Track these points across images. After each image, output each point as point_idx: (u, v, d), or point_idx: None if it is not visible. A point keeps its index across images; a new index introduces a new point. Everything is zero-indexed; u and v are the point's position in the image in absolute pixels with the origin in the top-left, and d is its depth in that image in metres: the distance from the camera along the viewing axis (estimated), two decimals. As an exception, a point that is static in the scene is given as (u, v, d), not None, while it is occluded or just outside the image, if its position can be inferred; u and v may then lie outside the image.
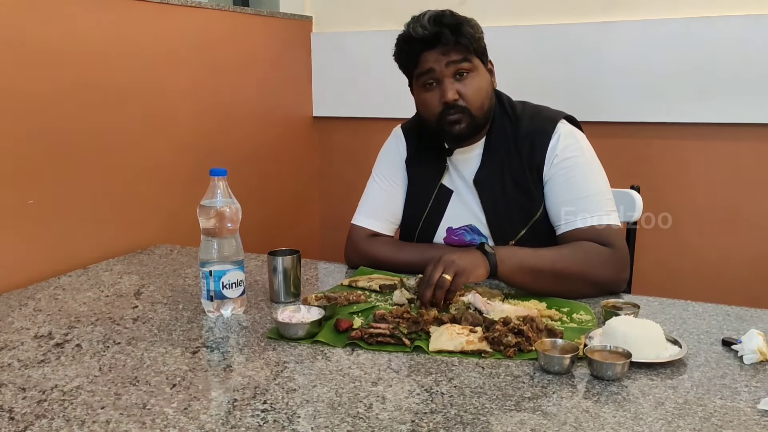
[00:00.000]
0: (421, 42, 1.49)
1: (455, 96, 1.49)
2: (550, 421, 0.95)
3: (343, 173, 2.76)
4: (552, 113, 1.60)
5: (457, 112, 1.51)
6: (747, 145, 2.16)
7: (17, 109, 1.60)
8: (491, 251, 1.39)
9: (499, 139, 1.58)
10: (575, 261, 1.43)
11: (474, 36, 1.50)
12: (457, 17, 1.50)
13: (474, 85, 1.51)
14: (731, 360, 1.14)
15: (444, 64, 1.49)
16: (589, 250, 1.45)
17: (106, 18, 1.81)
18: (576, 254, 1.45)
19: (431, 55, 1.50)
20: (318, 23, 2.72)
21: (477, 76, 1.52)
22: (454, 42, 1.47)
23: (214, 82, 2.23)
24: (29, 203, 1.64)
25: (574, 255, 1.44)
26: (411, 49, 1.52)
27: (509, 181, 1.56)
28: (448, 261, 1.34)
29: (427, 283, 1.33)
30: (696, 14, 2.15)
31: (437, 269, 1.33)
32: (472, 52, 1.50)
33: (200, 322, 1.35)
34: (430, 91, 1.53)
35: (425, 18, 1.49)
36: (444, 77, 1.50)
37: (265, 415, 0.97)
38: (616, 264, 1.47)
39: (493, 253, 1.39)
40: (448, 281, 1.32)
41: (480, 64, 1.53)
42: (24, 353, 1.20)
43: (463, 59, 1.49)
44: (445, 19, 1.48)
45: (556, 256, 1.44)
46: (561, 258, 1.44)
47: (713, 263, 2.25)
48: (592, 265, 1.44)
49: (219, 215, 1.35)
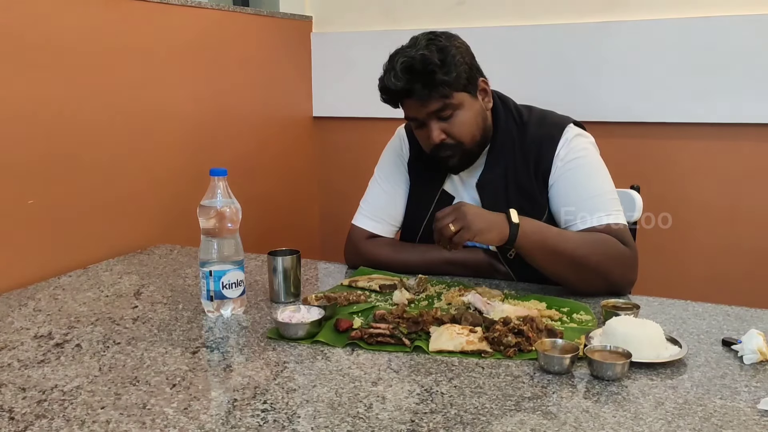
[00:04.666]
0: (396, 93, 1.48)
1: (441, 137, 1.49)
2: (550, 421, 0.95)
3: (343, 173, 2.76)
4: (559, 118, 1.60)
5: (448, 149, 1.51)
6: (747, 145, 2.16)
7: (17, 109, 1.60)
8: (516, 221, 1.38)
9: (505, 144, 1.57)
10: (596, 251, 1.42)
11: (450, 80, 1.44)
12: (429, 64, 1.42)
13: (460, 122, 1.49)
14: (731, 360, 1.14)
15: (425, 114, 1.48)
16: (610, 245, 1.44)
17: (106, 18, 1.81)
18: (598, 245, 1.44)
19: (411, 103, 1.49)
20: (318, 23, 2.72)
21: (463, 112, 1.50)
22: (428, 95, 1.45)
23: (214, 82, 2.23)
24: (29, 203, 1.64)
25: (596, 245, 1.43)
26: (390, 99, 1.52)
27: (513, 185, 1.56)
28: (461, 213, 1.35)
29: (435, 226, 1.37)
30: (696, 14, 2.15)
31: (447, 217, 1.36)
32: (451, 94, 1.46)
33: (200, 322, 1.35)
34: (420, 130, 1.53)
35: (398, 66, 1.44)
36: (428, 121, 1.49)
37: (265, 415, 0.97)
38: (630, 264, 1.47)
39: (517, 224, 1.38)
40: (451, 232, 1.34)
41: (465, 97, 1.49)
42: (24, 353, 1.20)
43: (443, 106, 1.47)
44: (415, 70, 1.43)
45: (580, 242, 1.43)
46: (584, 244, 1.43)
47: (713, 263, 2.25)
48: (610, 259, 1.43)
49: (219, 215, 1.35)
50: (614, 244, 1.45)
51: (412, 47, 1.47)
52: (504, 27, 2.37)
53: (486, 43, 1.54)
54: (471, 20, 2.43)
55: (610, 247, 1.44)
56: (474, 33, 1.64)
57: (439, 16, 2.49)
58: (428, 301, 1.44)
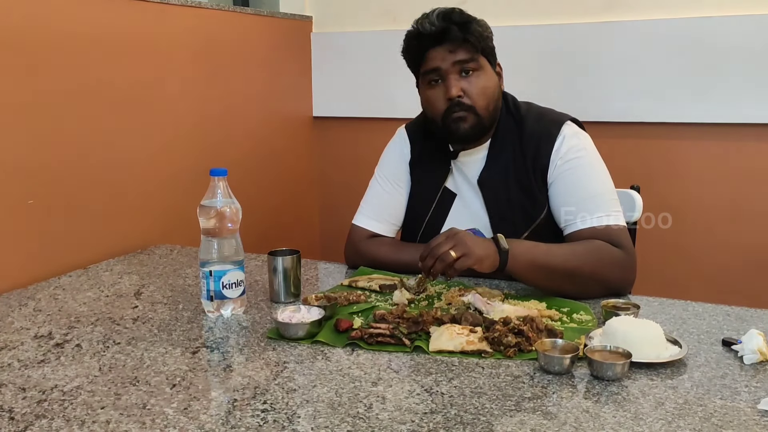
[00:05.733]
0: (428, 38, 1.48)
1: (459, 92, 1.49)
2: (550, 421, 0.95)
3: (343, 173, 2.76)
4: (557, 115, 1.60)
5: (462, 110, 1.50)
6: (747, 145, 2.16)
7: (17, 109, 1.60)
8: (505, 248, 1.37)
9: (505, 141, 1.57)
10: (588, 261, 1.42)
11: (482, 35, 1.49)
12: (466, 15, 1.49)
13: (480, 84, 1.50)
14: (731, 360, 1.14)
15: (450, 63, 1.48)
16: (602, 250, 1.44)
17: (106, 18, 1.81)
18: (589, 253, 1.43)
19: (438, 52, 1.49)
20: (318, 23, 2.72)
21: (483, 75, 1.51)
22: (462, 39, 1.46)
23: (214, 82, 2.23)
24: (29, 203, 1.64)
25: (587, 254, 1.43)
26: (419, 45, 1.51)
27: (513, 182, 1.56)
28: (460, 239, 1.33)
29: (431, 252, 1.32)
30: (696, 14, 2.15)
31: (446, 243, 1.32)
32: (479, 52, 1.49)
33: (200, 322, 1.35)
34: (435, 88, 1.52)
35: (434, 14, 1.49)
36: (449, 74, 1.49)
37: (265, 415, 0.97)
38: (626, 266, 1.46)
39: (506, 250, 1.36)
40: (452, 258, 1.30)
41: (487, 64, 1.52)
42: (24, 353, 1.20)
43: (470, 58, 1.48)
44: (454, 17, 1.48)
45: (569, 255, 1.43)
46: (574, 257, 1.42)
47: (713, 263, 2.25)
48: (604, 265, 1.43)
49: (219, 215, 1.35)
50: (607, 249, 1.44)
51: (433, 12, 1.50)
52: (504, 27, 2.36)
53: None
54: (471, 20, 2.43)
55: (603, 252, 1.44)
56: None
57: (439, 16, 2.48)
58: (428, 301, 1.44)
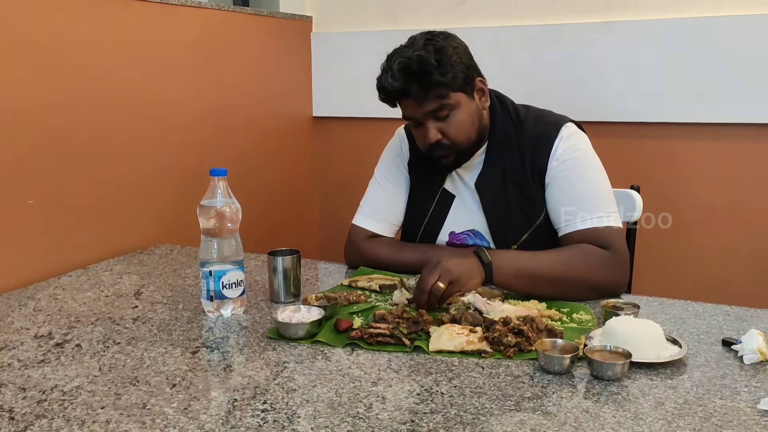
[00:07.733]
0: (394, 93, 1.48)
1: (437, 137, 1.49)
2: (550, 421, 0.95)
3: (343, 173, 2.76)
4: (556, 117, 1.60)
5: (443, 149, 1.52)
6: (747, 145, 2.16)
7: (17, 110, 1.59)
8: (487, 260, 1.38)
9: (502, 143, 1.57)
10: (574, 265, 1.42)
11: (446, 80, 1.44)
12: (425, 65, 1.42)
13: (456, 122, 1.49)
14: (731, 360, 1.14)
15: (422, 113, 1.48)
16: (589, 254, 1.44)
17: (105, 18, 1.81)
18: (575, 258, 1.44)
19: (407, 103, 1.49)
20: (318, 23, 2.72)
21: (459, 112, 1.49)
22: (424, 96, 1.45)
23: (214, 82, 2.23)
24: (29, 203, 1.64)
25: (573, 259, 1.43)
26: (387, 98, 1.51)
27: (511, 184, 1.56)
28: (445, 269, 1.33)
29: (421, 288, 1.33)
30: (696, 14, 2.15)
31: (432, 275, 1.33)
32: (447, 95, 1.46)
33: (200, 322, 1.35)
34: (417, 129, 1.54)
35: (395, 66, 1.44)
36: (424, 120, 1.49)
37: (265, 415, 0.97)
38: (615, 267, 1.46)
39: (489, 262, 1.37)
40: (441, 289, 1.32)
41: (461, 97, 1.49)
42: (24, 353, 1.20)
43: (439, 106, 1.47)
44: (413, 68, 1.42)
45: (555, 261, 1.43)
46: (560, 263, 1.43)
47: (713, 263, 2.25)
48: (592, 269, 1.43)
49: (219, 215, 1.35)
50: (594, 252, 1.44)
51: (410, 47, 1.47)
52: (504, 27, 2.37)
53: (486, 43, 1.55)
54: (471, 20, 2.43)
55: (591, 256, 1.44)
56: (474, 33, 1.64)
57: (439, 16, 2.49)
58: (428, 301, 1.44)
